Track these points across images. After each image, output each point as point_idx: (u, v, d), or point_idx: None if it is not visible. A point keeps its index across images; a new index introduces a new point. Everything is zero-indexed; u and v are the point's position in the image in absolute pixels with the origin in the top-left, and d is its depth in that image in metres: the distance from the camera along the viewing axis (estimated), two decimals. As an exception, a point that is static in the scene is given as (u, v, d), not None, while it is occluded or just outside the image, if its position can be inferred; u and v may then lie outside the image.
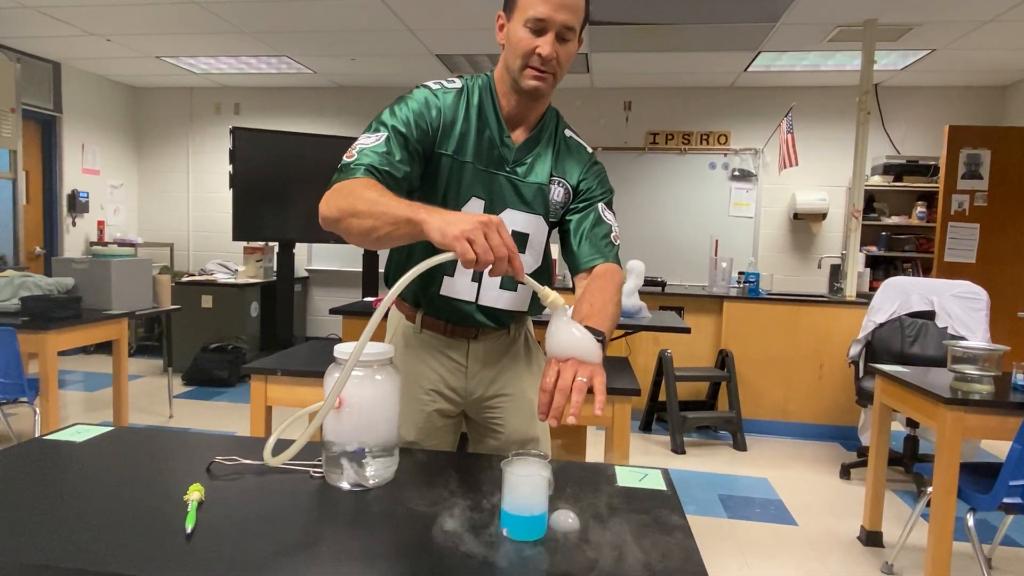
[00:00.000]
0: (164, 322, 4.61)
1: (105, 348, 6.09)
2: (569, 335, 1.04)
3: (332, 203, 1.12)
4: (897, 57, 4.96)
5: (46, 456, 1.18)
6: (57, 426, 2.96)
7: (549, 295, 1.04)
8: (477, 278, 1.35)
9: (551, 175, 1.36)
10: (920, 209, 5.58)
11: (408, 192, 1.24)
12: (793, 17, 4.22)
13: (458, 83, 1.33)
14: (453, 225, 0.94)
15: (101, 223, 6.44)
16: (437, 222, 0.96)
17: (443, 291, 1.36)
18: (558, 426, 0.98)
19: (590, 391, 0.98)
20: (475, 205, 1.32)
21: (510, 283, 1.37)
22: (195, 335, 5.46)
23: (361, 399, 1.05)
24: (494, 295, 1.37)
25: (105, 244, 6.33)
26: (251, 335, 5.70)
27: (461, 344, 1.41)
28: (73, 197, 6.11)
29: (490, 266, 0.93)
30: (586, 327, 1.07)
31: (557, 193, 1.37)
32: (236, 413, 4.53)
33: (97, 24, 4.83)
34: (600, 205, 1.39)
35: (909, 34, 4.45)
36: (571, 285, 1.44)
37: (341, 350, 1.07)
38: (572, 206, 1.39)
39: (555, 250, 1.46)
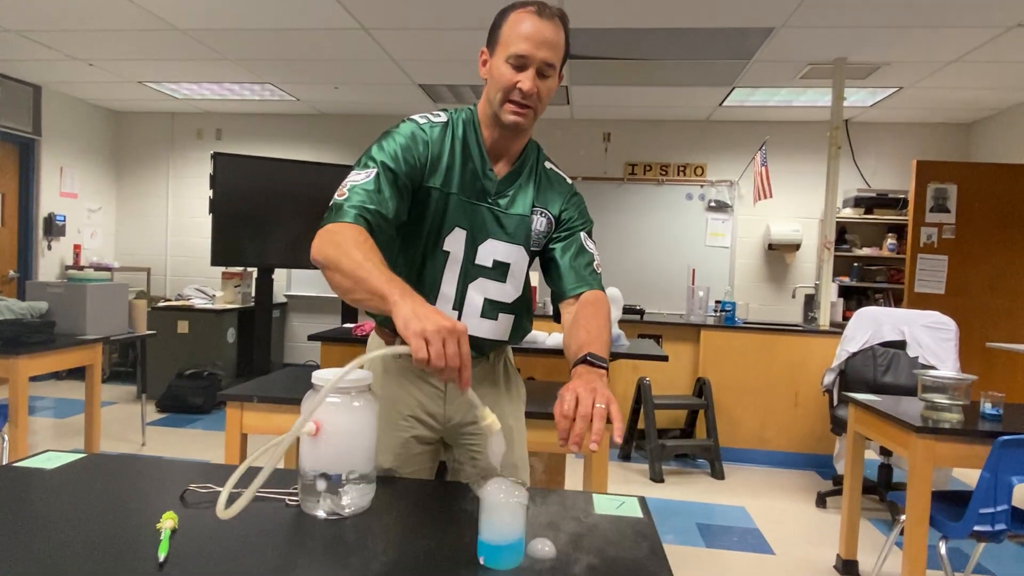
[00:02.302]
0: (139, 347, 4.54)
1: (77, 374, 5.98)
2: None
3: (321, 249, 1.15)
4: (866, 94, 5.13)
5: (15, 484, 1.16)
6: (26, 453, 2.89)
7: (487, 417, 1.05)
8: (458, 306, 1.37)
9: (533, 206, 1.39)
10: (890, 241, 5.72)
11: (397, 226, 1.29)
12: (766, 55, 4.35)
13: (443, 116, 1.36)
14: (417, 321, 0.97)
15: (77, 247, 6.36)
16: (405, 311, 0.99)
17: None
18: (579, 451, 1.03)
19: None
20: (458, 235, 1.34)
21: (490, 312, 1.39)
22: (170, 361, 5.38)
23: (338, 426, 1.05)
24: (475, 323, 1.38)
25: (81, 268, 6.23)
26: (227, 361, 5.63)
27: (440, 370, 1.41)
28: (50, 220, 6.04)
29: (439, 371, 0.96)
30: (589, 354, 1.15)
31: (540, 223, 1.40)
32: (211, 441, 4.45)
33: (79, 49, 4.83)
34: (582, 234, 1.43)
35: (877, 73, 4.61)
36: (551, 312, 1.46)
37: (319, 376, 1.07)
38: (555, 235, 1.43)
39: (534, 278, 1.48)
